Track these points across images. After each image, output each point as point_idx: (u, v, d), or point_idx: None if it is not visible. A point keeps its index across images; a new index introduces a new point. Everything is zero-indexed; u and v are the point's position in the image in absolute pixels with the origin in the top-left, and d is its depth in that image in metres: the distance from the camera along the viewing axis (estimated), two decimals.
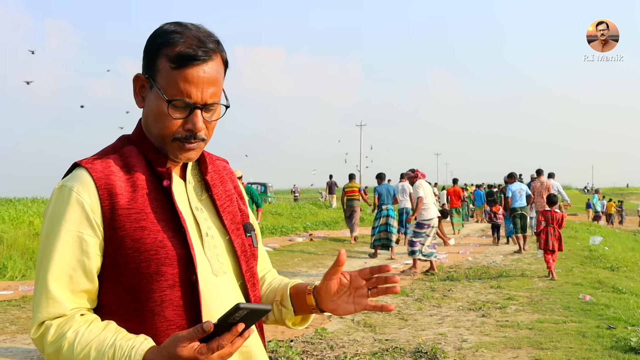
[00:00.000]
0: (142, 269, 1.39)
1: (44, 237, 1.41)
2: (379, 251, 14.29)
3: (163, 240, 1.42)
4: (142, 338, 1.34)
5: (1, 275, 10.19)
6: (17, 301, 8.36)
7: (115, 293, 1.42)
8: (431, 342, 6.15)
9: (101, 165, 1.44)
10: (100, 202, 1.40)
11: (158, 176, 1.49)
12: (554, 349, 5.85)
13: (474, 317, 7.48)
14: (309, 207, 28.60)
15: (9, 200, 21.82)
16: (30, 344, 6.21)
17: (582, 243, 16.75)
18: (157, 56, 1.44)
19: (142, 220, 1.41)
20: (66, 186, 1.41)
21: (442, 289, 9.63)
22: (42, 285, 1.37)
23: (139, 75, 1.49)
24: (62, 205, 1.40)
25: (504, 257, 14.06)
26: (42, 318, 1.36)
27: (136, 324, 1.40)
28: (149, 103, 1.47)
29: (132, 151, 1.50)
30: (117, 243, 1.40)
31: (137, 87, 1.50)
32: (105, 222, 1.40)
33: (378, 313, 7.68)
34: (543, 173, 15.73)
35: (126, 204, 1.41)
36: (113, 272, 1.41)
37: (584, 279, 10.32)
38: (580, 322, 6.95)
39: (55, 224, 1.39)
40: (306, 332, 6.59)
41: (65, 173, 1.48)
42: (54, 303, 1.36)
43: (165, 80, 1.43)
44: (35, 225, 13.74)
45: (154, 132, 1.48)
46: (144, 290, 1.40)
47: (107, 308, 1.43)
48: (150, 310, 1.40)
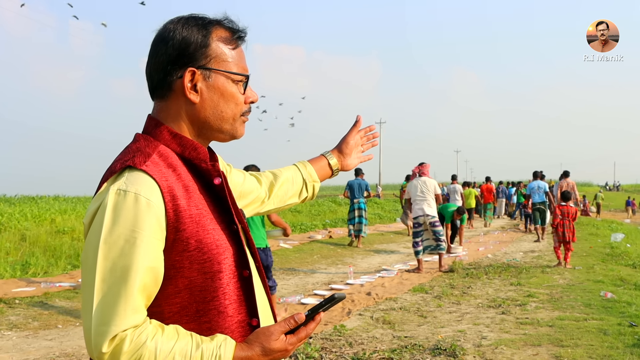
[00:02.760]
0: (206, 268, 1.39)
1: (110, 245, 1.31)
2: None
3: (220, 237, 1.43)
4: (222, 337, 1.37)
5: (24, 272, 10.31)
6: (40, 297, 8.46)
7: (178, 296, 1.39)
8: (450, 339, 6.13)
9: (155, 167, 1.40)
10: (165, 205, 1.36)
11: (199, 174, 1.48)
12: (575, 346, 5.81)
13: (493, 314, 7.44)
14: (329, 204, 28.57)
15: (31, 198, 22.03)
16: (53, 339, 6.29)
17: (604, 240, 16.61)
18: (208, 44, 1.48)
19: (201, 220, 1.41)
20: (129, 191, 1.34)
21: (461, 286, 9.59)
22: (117, 296, 1.29)
23: (193, 70, 1.47)
24: (130, 212, 1.33)
25: (524, 254, 13.97)
26: (118, 330, 1.28)
27: (199, 324, 1.40)
28: (211, 91, 1.49)
29: (167, 151, 1.46)
30: (182, 246, 1.38)
31: (191, 83, 1.48)
32: (169, 226, 1.36)
33: (397, 310, 7.68)
34: (569, 175, 17.30)
35: (185, 204, 1.39)
36: (176, 276, 1.38)
37: (605, 276, 10.23)
38: (601, 320, 6.89)
39: (125, 231, 1.31)
40: (325, 329, 6.60)
41: (115, 176, 1.39)
42: (134, 313, 1.30)
43: (230, 62, 1.51)
44: (57, 223, 13.88)
45: (225, 116, 1.51)
46: (208, 289, 1.40)
47: (166, 313, 1.40)
48: (215, 309, 1.41)
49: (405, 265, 12.06)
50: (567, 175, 17.44)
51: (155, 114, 1.52)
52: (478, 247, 15.46)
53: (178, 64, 1.46)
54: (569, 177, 17.34)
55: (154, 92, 1.52)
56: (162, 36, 1.49)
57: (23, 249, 11.68)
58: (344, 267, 11.59)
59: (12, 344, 6.19)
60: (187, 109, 1.50)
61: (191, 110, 1.50)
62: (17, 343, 6.22)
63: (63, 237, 12.70)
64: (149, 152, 1.43)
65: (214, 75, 1.48)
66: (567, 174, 17.46)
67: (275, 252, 13.28)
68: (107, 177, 1.40)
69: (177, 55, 1.46)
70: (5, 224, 13.20)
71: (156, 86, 1.50)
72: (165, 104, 1.50)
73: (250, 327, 1.46)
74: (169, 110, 1.50)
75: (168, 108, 1.50)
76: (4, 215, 13.99)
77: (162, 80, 1.48)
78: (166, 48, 1.47)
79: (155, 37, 1.50)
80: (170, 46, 1.46)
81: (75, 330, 6.73)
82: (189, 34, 1.47)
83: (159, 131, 1.49)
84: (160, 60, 1.47)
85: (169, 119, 1.50)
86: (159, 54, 1.48)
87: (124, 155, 1.44)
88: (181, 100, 1.49)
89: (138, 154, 1.42)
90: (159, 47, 1.48)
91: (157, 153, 1.43)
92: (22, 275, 10.13)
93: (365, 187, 15.49)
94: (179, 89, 1.48)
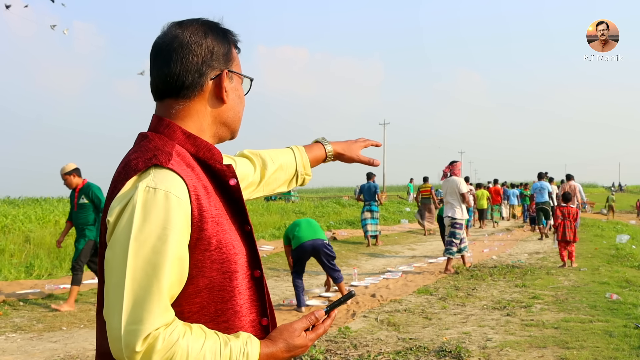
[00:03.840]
0: (224, 268, 1.41)
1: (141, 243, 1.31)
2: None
3: (235, 237, 1.45)
4: (246, 334, 1.40)
5: (28, 273, 10.33)
6: (44, 299, 8.46)
7: (198, 296, 1.40)
8: (455, 341, 6.11)
9: (179, 166, 1.40)
10: (191, 204, 1.37)
11: (213, 174, 1.49)
12: (580, 348, 5.78)
13: (498, 316, 7.41)
14: (333, 206, 28.58)
15: (35, 200, 22.08)
16: (57, 341, 6.29)
17: (609, 242, 16.55)
18: (230, 49, 1.56)
19: (220, 219, 1.42)
20: (159, 189, 1.34)
21: (466, 287, 9.57)
22: (149, 294, 1.29)
23: (228, 72, 1.54)
24: (161, 210, 1.33)
25: (528, 256, 13.95)
26: (152, 328, 1.27)
27: (217, 324, 1.41)
28: (233, 93, 1.56)
29: (183, 151, 1.46)
30: (204, 245, 1.38)
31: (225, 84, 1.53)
32: (194, 225, 1.37)
33: (402, 312, 7.66)
34: (573, 178, 17.79)
35: (207, 204, 1.40)
36: (198, 275, 1.38)
37: (611, 277, 10.19)
38: (607, 322, 6.86)
39: (157, 229, 1.31)
40: (329, 331, 6.59)
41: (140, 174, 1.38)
42: (165, 311, 1.30)
43: (238, 65, 1.59)
44: (61, 225, 13.90)
45: (240, 116, 1.60)
46: (226, 289, 1.42)
47: (185, 313, 1.39)
48: (232, 309, 1.43)
49: (409, 267, 12.04)
50: (570, 178, 17.85)
51: (166, 113, 1.51)
52: (483, 249, 15.42)
53: (211, 66, 1.51)
54: (573, 180, 17.72)
55: (179, 92, 1.50)
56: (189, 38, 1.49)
57: (27, 251, 11.70)
58: (348, 268, 11.57)
59: (17, 346, 6.19)
60: (214, 110, 1.53)
61: (217, 111, 1.54)
62: (21, 345, 6.22)
63: (67, 238, 12.72)
64: (169, 151, 1.42)
65: (235, 78, 1.57)
66: (569, 178, 17.89)
67: (279, 254, 13.28)
68: (129, 175, 1.39)
69: (211, 57, 1.50)
70: (9, 225, 13.24)
71: (188, 86, 1.49)
72: (189, 104, 1.50)
73: (260, 326, 1.48)
74: (191, 110, 1.50)
75: (190, 108, 1.50)
76: (8, 217, 14.03)
77: (195, 81, 1.49)
78: (200, 50, 1.49)
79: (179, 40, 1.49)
80: (205, 48, 1.50)
81: (79, 332, 6.73)
82: (217, 37, 1.53)
83: (172, 131, 1.48)
84: (195, 62, 1.49)
85: (187, 119, 1.50)
86: (192, 54, 1.49)
87: (143, 153, 1.42)
88: (208, 100, 1.52)
89: (159, 152, 1.41)
90: (191, 48, 1.49)
91: (175, 152, 1.43)
92: (26, 277, 10.15)
93: (375, 189, 16.27)
94: (209, 89, 1.51)
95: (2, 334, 6.66)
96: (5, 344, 6.27)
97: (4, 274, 9.89)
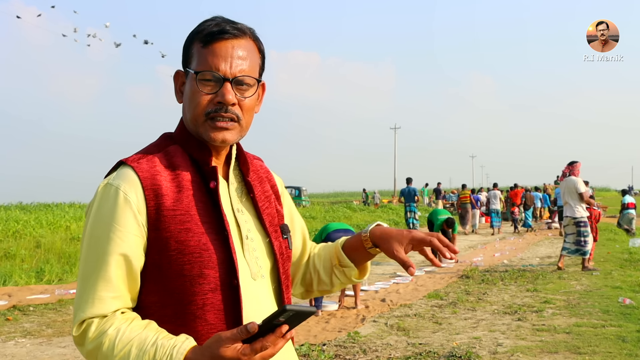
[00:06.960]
0: (185, 271, 1.38)
1: (90, 236, 1.39)
2: None
3: (207, 243, 1.41)
4: (184, 337, 1.33)
5: (38, 279, 10.36)
6: (54, 305, 8.48)
7: (157, 294, 1.41)
8: (465, 346, 6.06)
9: (147, 164, 1.42)
10: (146, 202, 1.38)
11: (203, 176, 1.48)
12: (593, 353, 5.72)
13: (509, 320, 7.35)
14: (343, 210, 28.57)
15: (47, 205, 22.22)
16: (66, 347, 6.30)
17: (622, 246, 16.41)
18: (191, 44, 1.49)
19: (187, 222, 1.40)
20: (112, 185, 1.39)
21: (477, 292, 9.51)
22: (89, 285, 1.36)
23: (178, 72, 1.53)
24: (109, 205, 1.38)
25: (540, 260, 13.85)
26: (85, 317, 1.34)
27: (176, 327, 1.39)
28: (185, 91, 1.49)
29: (177, 150, 1.48)
30: (161, 244, 1.38)
31: (178, 84, 1.53)
32: (150, 223, 1.38)
33: (412, 317, 7.62)
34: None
35: (171, 205, 1.39)
36: (155, 274, 1.40)
37: (624, 282, 10.09)
38: (619, 326, 6.78)
39: (102, 224, 1.37)
40: (339, 336, 6.55)
41: (110, 171, 1.46)
42: (100, 303, 1.35)
43: (197, 60, 1.46)
44: (72, 230, 13.97)
45: (190, 117, 1.47)
46: (186, 293, 1.39)
47: (147, 309, 1.42)
48: (192, 313, 1.40)
49: (420, 271, 11.97)
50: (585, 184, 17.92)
51: None
52: (494, 253, 15.34)
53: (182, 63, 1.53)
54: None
55: None
56: None
57: (38, 256, 11.76)
58: None
59: (26, 351, 6.20)
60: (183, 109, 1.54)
61: (183, 110, 1.53)
62: (30, 350, 6.22)
63: (78, 244, 12.76)
64: (152, 150, 1.48)
65: (189, 75, 1.48)
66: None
67: None
68: None
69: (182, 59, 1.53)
70: (20, 231, 13.31)
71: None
72: None
73: None
74: (182, 109, 1.54)
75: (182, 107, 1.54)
76: (20, 223, 14.12)
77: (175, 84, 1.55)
78: None
79: None
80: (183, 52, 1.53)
81: None
82: (188, 37, 1.52)
83: (177, 130, 1.54)
84: None
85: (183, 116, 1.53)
86: None
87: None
88: None
89: (141, 151, 1.48)
90: None
91: (164, 151, 1.47)
92: (36, 282, 10.18)
93: (414, 192, 18.65)
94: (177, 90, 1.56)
95: (11, 339, 6.67)
96: (15, 349, 6.28)
97: (15, 279, 9.93)
